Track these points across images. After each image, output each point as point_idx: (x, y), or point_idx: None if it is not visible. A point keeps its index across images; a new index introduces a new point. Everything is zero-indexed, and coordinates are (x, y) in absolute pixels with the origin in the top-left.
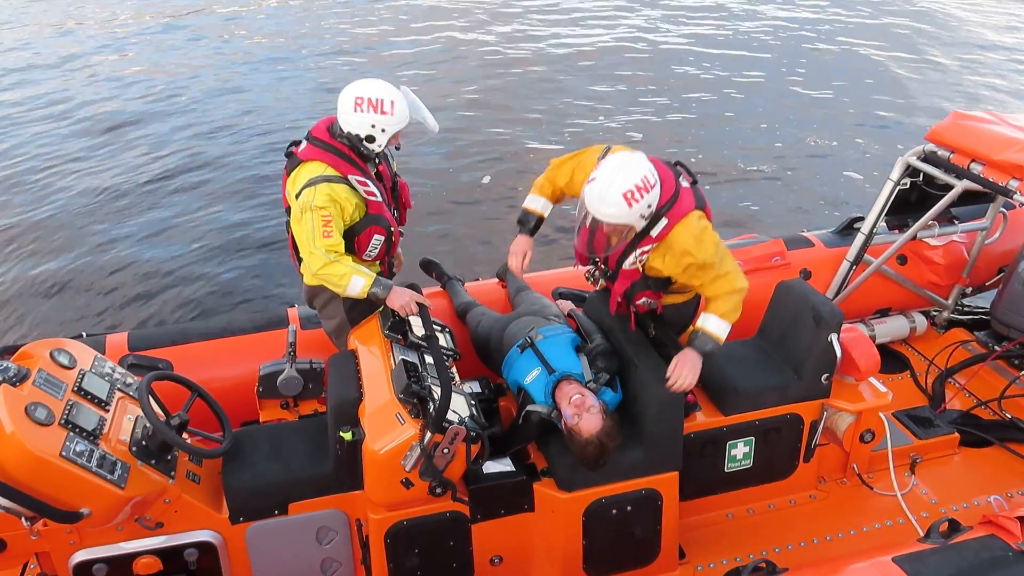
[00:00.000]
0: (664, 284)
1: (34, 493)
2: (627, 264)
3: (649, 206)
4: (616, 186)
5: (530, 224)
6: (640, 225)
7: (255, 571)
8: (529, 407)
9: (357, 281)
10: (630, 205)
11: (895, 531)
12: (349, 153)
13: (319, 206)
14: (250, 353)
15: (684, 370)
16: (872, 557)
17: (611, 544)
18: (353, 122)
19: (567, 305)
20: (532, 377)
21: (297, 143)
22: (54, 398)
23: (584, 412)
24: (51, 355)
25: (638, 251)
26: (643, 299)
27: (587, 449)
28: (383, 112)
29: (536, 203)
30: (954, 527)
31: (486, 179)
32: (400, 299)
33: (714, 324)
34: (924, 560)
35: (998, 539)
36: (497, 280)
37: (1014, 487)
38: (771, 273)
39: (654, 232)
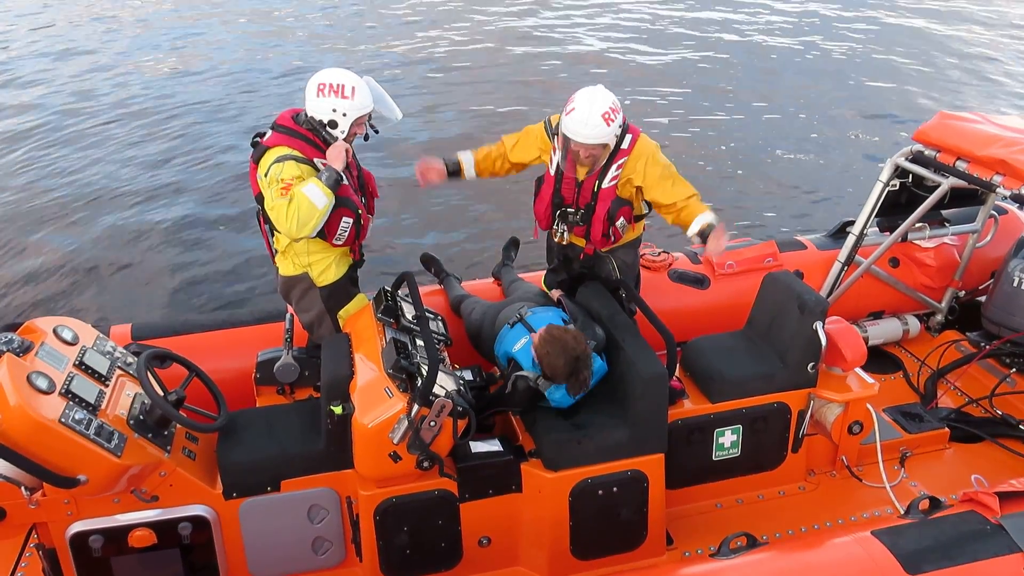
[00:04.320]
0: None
1: (34, 457)
2: (606, 182)
3: (620, 126)
4: (596, 109)
5: (452, 167)
6: (613, 143)
7: (247, 547)
8: (517, 373)
9: (312, 191)
10: (608, 124)
11: (883, 521)
12: (313, 138)
13: (285, 178)
14: (250, 344)
15: (713, 247)
16: (853, 533)
17: (598, 527)
18: (316, 107)
19: (557, 292)
20: (520, 345)
21: (262, 134)
22: (56, 370)
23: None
24: (55, 331)
25: (615, 166)
26: (620, 220)
27: (555, 361)
28: (344, 96)
29: (465, 157)
30: (935, 504)
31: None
32: (335, 152)
33: (704, 217)
34: (903, 533)
35: (976, 514)
36: (493, 279)
37: (1004, 481)
38: (763, 274)
39: (624, 145)
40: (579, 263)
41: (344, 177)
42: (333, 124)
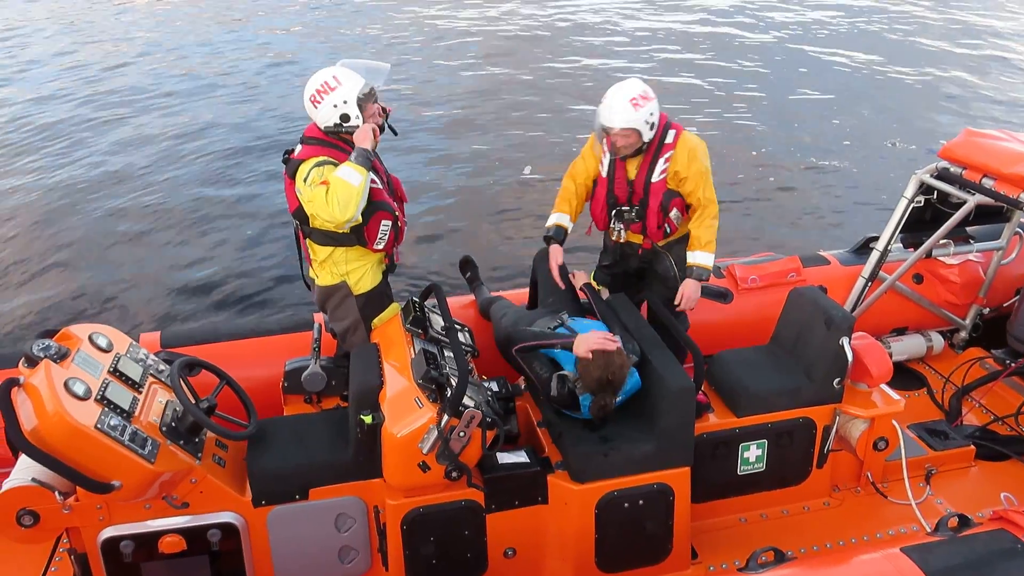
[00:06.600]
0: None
1: (70, 463)
2: (655, 177)
3: (651, 114)
4: (621, 95)
5: (559, 237)
6: (648, 134)
7: (275, 555)
8: (559, 372)
9: (344, 172)
10: (635, 108)
11: (909, 538)
12: (343, 146)
13: (327, 176)
14: (277, 353)
15: (688, 293)
16: (881, 550)
17: (623, 539)
18: (322, 116)
19: (582, 279)
20: None
21: (291, 150)
22: (91, 376)
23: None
24: (90, 338)
25: (662, 159)
26: (674, 211)
27: (592, 372)
28: (332, 89)
29: (560, 219)
30: (964, 522)
31: (527, 169)
32: (362, 134)
33: (703, 257)
34: (932, 551)
35: (1007, 533)
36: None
37: None
38: (786, 289)
39: (668, 140)
40: (637, 259)
41: (374, 154)
42: (345, 117)
